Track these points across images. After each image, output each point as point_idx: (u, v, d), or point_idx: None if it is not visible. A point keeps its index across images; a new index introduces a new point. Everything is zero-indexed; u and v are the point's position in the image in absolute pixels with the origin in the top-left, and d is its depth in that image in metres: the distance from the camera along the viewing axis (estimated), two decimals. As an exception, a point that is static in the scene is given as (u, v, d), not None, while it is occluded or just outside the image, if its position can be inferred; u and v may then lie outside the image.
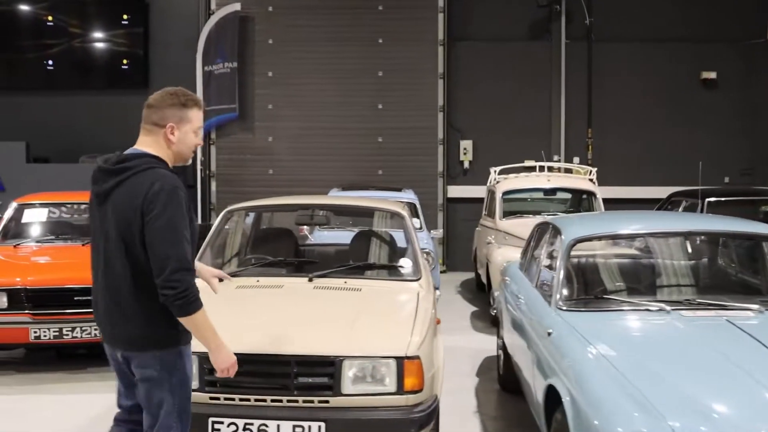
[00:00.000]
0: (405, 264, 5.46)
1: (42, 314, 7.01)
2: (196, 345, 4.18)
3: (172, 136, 3.43)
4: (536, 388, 4.62)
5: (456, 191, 14.13)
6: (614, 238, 5.34)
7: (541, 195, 11.23)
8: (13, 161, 13.00)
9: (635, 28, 14.08)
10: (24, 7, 14.46)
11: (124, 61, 14.46)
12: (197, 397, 4.16)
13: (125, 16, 14.40)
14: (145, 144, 3.48)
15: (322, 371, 4.17)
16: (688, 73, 14.16)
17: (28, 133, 13.41)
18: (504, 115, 14.05)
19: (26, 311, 6.98)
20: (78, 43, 14.42)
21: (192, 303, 3.29)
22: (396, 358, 4.19)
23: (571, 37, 14.18)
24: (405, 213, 5.98)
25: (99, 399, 6.50)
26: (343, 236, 7.98)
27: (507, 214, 10.50)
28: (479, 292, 11.66)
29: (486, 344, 8.39)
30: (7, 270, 7.44)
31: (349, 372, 4.16)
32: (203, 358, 4.16)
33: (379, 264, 5.71)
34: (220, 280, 4.18)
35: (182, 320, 3.34)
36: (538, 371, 4.63)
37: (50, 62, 14.38)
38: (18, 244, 8.21)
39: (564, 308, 4.75)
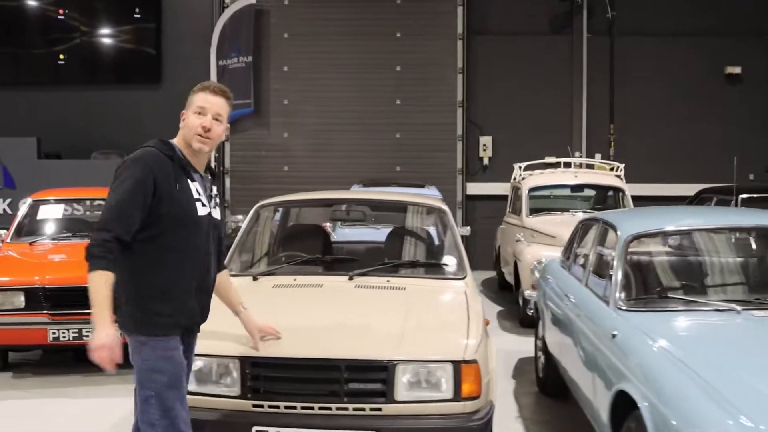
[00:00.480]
0: (449, 261, 5.16)
1: (61, 314, 6.73)
2: (235, 349, 3.95)
3: (182, 122, 3.46)
4: (598, 394, 4.32)
5: (475, 188, 13.82)
6: (674, 234, 5.03)
7: (566, 192, 10.94)
8: (23, 157, 12.69)
9: (658, 22, 13.76)
10: (34, 3, 14.19)
11: (136, 57, 14.16)
12: (239, 404, 3.89)
13: (137, 11, 14.10)
14: None
15: (374, 376, 3.87)
16: (712, 67, 13.86)
17: (39, 128, 13.09)
18: (524, 110, 13.74)
19: (44, 311, 6.70)
20: (90, 39, 14.13)
21: (91, 259, 3.12)
22: (453, 362, 3.90)
23: (593, 31, 13.88)
24: (447, 208, 5.69)
25: (120, 402, 6.19)
26: (368, 233, 7.69)
27: (532, 211, 10.22)
28: (502, 291, 11.36)
29: (517, 345, 8.10)
30: (23, 268, 7.17)
31: (402, 377, 3.86)
32: (245, 363, 3.89)
33: (423, 261, 5.41)
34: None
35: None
36: (599, 375, 4.33)
37: (61, 57, 14.07)
38: (34, 242, 7.92)
39: (624, 308, 4.46)
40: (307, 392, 3.88)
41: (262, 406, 3.87)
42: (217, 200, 3.56)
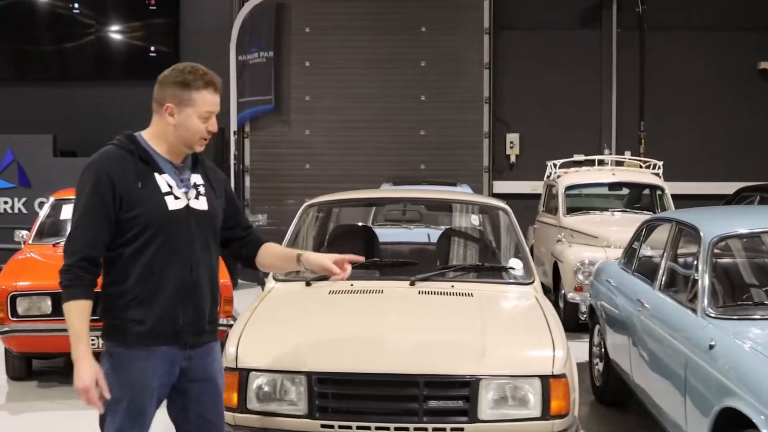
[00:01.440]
0: (516, 265, 4.81)
1: (91, 320, 6.34)
2: (301, 363, 3.60)
3: (171, 118, 3.03)
4: (692, 410, 3.95)
5: (502, 186, 13.41)
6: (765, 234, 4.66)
7: (601, 190, 10.60)
8: (39, 155, 12.36)
9: (689, 17, 13.36)
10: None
11: (154, 52, 13.83)
12: (307, 424, 3.54)
13: (154, 5, 13.76)
14: (150, 123, 3.14)
15: (456, 393, 3.54)
16: (745, 63, 13.44)
17: (54, 125, 12.75)
18: (552, 107, 13.32)
19: (72, 317, 6.33)
20: (106, 33, 13.81)
21: (63, 290, 2.95)
22: (541, 377, 3.56)
23: (623, 25, 13.44)
24: (509, 207, 5.33)
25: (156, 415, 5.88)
26: (400, 234, 7.31)
27: (569, 210, 9.86)
28: (535, 293, 10.99)
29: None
30: (49, 272, 6.76)
31: (486, 394, 3.52)
32: (313, 378, 3.54)
33: (490, 265, 5.05)
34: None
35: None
36: (693, 391, 3.96)
37: (77, 53, 13.75)
38: (57, 243, 7.54)
39: (714, 316, 4.10)
40: (381, 411, 3.55)
41: (332, 427, 3.54)
42: (202, 189, 3.13)
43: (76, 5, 13.71)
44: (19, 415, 6.06)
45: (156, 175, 3.03)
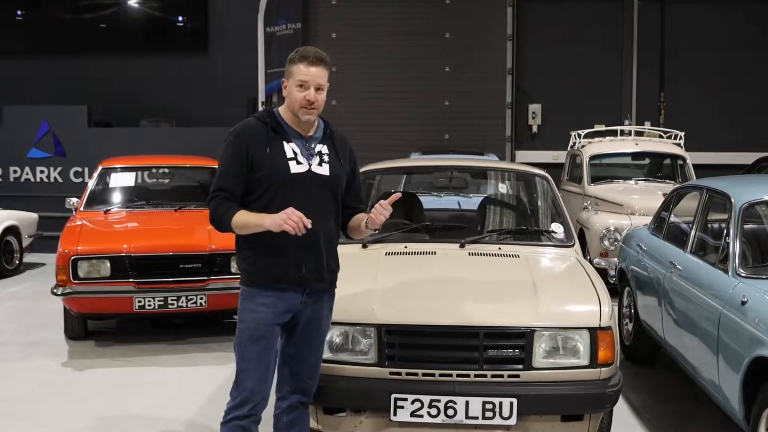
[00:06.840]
0: (557, 229, 5.13)
1: (146, 283, 6.73)
2: (371, 316, 3.91)
3: (284, 90, 3.59)
4: (725, 362, 4.29)
5: (524, 156, 13.65)
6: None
7: (623, 160, 10.87)
8: (74, 125, 12.69)
9: (710, -13, 13.53)
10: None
11: (183, 23, 14.10)
12: (376, 372, 3.88)
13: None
14: None
15: (513, 343, 3.87)
16: (765, 33, 13.57)
17: (88, 96, 13.05)
18: (573, 78, 13.50)
19: (130, 280, 6.70)
20: (137, 6, 14.07)
21: (222, 216, 3.46)
22: (589, 329, 3.90)
23: (644, -4, 13.67)
24: (548, 176, 5.64)
25: (212, 371, 6.26)
26: (431, 201, 7.58)
27: (592, 179, 10.15)
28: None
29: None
30: (107, 237, 7.17)
31: (540, 344, 3.86)
32: (382, 330, 3.88)
33: (534, 229, 5.38)
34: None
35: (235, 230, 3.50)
36: (725, 344, 4.29)
37: (109, 25, 14.01)
38: (108, 210, 7.91)
39: (744, 275, 4.44)
40: (444, 359, 3.88)
41: (399, 374, 3.87)
42: (326, 158, 3.62)
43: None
44: (84, 371, 6.41)
45: (284, 143, 3.54)
